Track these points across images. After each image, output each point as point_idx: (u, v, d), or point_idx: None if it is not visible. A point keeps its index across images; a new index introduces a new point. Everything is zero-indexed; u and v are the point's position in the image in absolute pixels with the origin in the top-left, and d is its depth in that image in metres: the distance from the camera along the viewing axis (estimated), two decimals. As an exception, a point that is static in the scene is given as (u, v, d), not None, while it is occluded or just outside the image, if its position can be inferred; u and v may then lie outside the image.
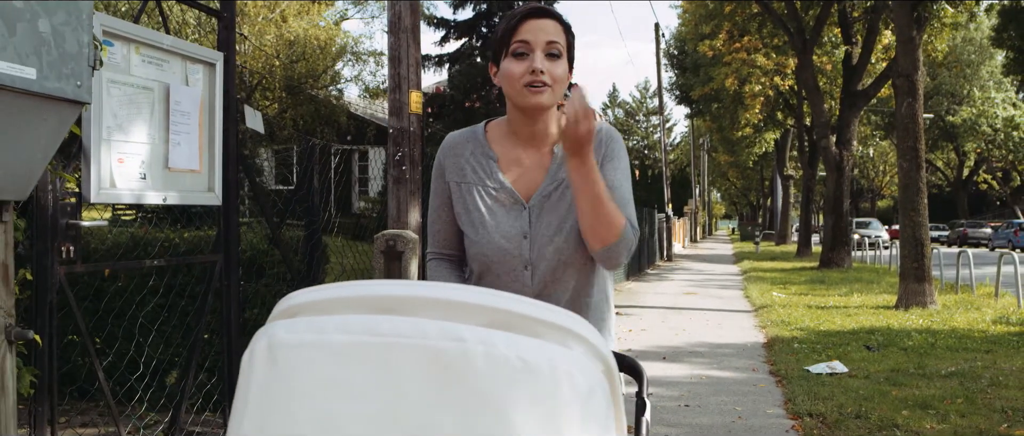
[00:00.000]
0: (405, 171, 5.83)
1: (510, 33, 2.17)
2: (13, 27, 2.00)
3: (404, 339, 1.41)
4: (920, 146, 14.20)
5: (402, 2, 5.80)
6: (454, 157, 2.34)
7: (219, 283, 4.28)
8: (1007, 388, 7.06)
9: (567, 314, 1.52)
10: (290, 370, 1.44)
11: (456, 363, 1.39)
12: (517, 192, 2.27)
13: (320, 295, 1.54)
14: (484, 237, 2.26)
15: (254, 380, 1.48)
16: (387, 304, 1.47)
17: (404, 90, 5.82)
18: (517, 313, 1.47)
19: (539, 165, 2.29)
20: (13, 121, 2.06)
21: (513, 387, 1.38)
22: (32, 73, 2.06)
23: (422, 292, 1.48)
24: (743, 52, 30.72)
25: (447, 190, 2.36)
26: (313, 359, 1.43)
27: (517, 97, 2.20)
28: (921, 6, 14.82)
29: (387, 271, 5.58)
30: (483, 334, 1.41)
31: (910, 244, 13.95)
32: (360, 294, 1.51)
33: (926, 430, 5.75)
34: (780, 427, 6.05)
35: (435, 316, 1.44)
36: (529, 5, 2.22)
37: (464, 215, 2.31)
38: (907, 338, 10.05)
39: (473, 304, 1.47)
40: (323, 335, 1.44)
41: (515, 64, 2.17)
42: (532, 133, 2.28)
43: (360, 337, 1.43)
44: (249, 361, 1.50)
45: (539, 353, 1.41)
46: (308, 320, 1.49)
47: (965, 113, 51.54)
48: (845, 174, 25.52)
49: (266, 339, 1.49)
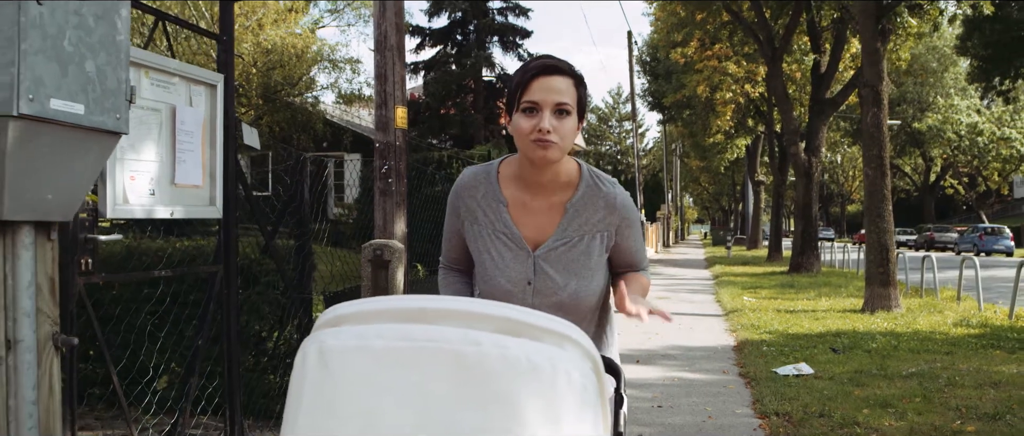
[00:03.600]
0: (391, 183, 6.11)
1: (522, 89, 2.34)
2: (66, 69, 2.27)
3: (432, 343, 1.69)
4: (885, 154, 14.63)
5: (388, 22, 6.07)
6: (468, 198, 2.53)
7: (220, 292, 4.53)
8: (963, 387, 7.42)
9: (562, 322, 1.81)
10: (339, 370, 1.72)
11: (475, 363, 1.67)
12: (524, 239, 2.47)
13: (360, 308, 1.83)
14: (492, 277, 2.48)
15: (307, 380, 1.75)
16: (416, 315, 1.76)
17: (390, 106, 6.09)
18: (523, 321, 1.76)
19: (547, 214, 2.47)
20: (64, 151, 2.33)
21: (522, 382, 1.66)
22: (80, 109, 2.33)
23: (445, 305, 1.77)
24: (714, 60, 31.16)
25: (460, 223, 2.57)
26: (357, 361, 1.71)
27: (526, 150, 2.37)
28: (885, 19, 15.25)
29: (374, 280, 5.84)
30: (496, 339, 1.70)
31: (876, 249, 14.35)
32: (393, 307, 1.80)
33: (885, 427, 6.08)
34: (748, 426, 6.37)
35: (457, 324, 1.73)
36: (541, 61, 2.36)
37: (474, 251, 2.53)
38: (871, 340, 10.41)
39: (487, 314, 1.75)
40: (365, 341, 1.72)
41: (525, 120, 2.33)
42: (540, 182, 2.45)
43: (395, 342, 1.71)
44: (302, 364, 1.78)
45: (541, 354, 1.70)
46: (351, 328, 1.77)
47: (931, 120, 52.39)
48: (813, 180, 25.98)
49: (316, 345, 1.76)
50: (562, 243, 2.46)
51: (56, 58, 2.23)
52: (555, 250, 2.46)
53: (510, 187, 2.49)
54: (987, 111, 53.20)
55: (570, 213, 2.45)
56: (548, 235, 2.46)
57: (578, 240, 2.45)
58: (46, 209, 2.34)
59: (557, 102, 2.30)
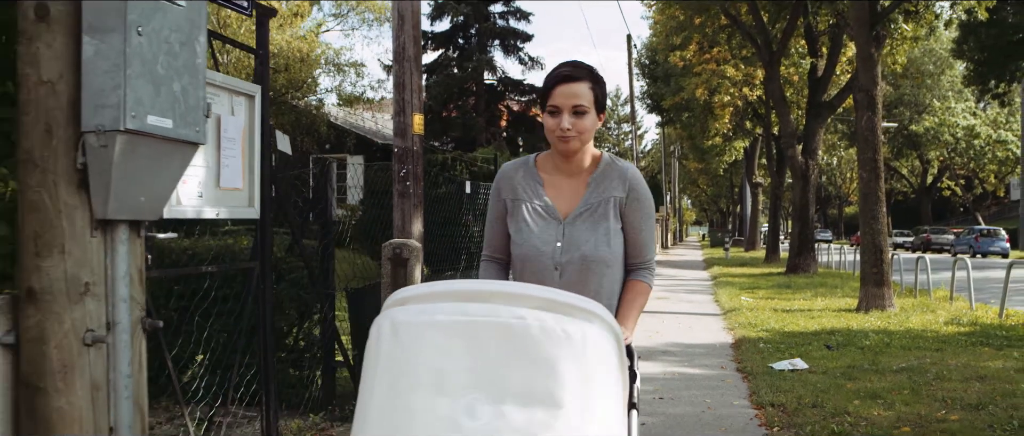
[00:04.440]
0: (409, 186, 6.48)
1: (546, 95, 2.86)
2: (159, 89, 2.64)
3: (485, 318, 2.15)
4: (879, 157, 15.01)
5: (406, 35, 6.45)
6: (509, 180, 3.02)
7: (257, 287, 4.90)
8: (950, 381, 7.80)
9: (589, 301, 2.26)
10: (409, 341, 2.16)
11: (520, 333, 2.12)
12: (557, 209, 2.93)
13: (423, 290, 2.28)
14: (526, 240, 2.91)
15: (382, 350, 2.19)
16: (471, 296, 2.20)
17: (408, 113, 6.47)
18: (557, 301, 2.20)
19: (574, 191, 2.95)
20: (155, 160, 2.70)
21: (559, 348, 2.12)
22: (169, 123, 2.70)
23: (494, 288, 2.23)
24: (713, 63, 31.44)
25: (502, 207, 3.02)
26: (424, 333, 2.16)
27: (553, 143, 2.90)
28: (880, 25, 15.63)
29: (393, 276, 6.19)
30: (537, 314, 2.15)
31: (870, 250, 14.74)
32: (451, 289, 2.24)
33: (874, 416, 6.46)
34: (745, 416, 6.74)
35: (504, 303, 2.17)
36: (560, 71, 2.85)
37: (513, 224, 2.97)
38: (864, 338, 10.78)
39: (529, 295, 2.20)
40: (431, 316, 2.17)
41: (550, 120, 2.86)
42: (568, 167, 2.96)
43: (455, 317, 2.15)
44: (377, 337, 2.22)
45: (574, 326, 2.16)
46: (417, 306, 2.22)
47: (927, 122, 52.77)
48: (810, 182, 26.34)
49: (388, 320, 2.21)
50: (586, 209, 2.91)
51: (151, 80, 2.61)
52: (580, 216, 2.90)
53: (545, 171, 2.99)
54: (983, 114, 53.60)
55: (592, 185, 2.93)
56: (575, 206, 2.92)
57: (597, 205, 2.90)
58: (139, 210, 2.72)
59: (574, 105, 2.81)
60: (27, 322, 2.56)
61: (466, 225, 10.23)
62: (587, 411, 2.12)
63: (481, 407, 2.08)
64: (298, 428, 5.87)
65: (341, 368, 6.62)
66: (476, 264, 10.52)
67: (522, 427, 2.06)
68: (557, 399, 2.08)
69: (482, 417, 2.08)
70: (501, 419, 2.07)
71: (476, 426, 2.07)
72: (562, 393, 2.08)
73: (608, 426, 2.17)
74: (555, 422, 2.07)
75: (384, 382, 2.16)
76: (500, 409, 2.08)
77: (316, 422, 6.07)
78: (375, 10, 32.46)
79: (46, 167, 2.54)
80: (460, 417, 2.08)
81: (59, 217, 2.55)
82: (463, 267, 9.93)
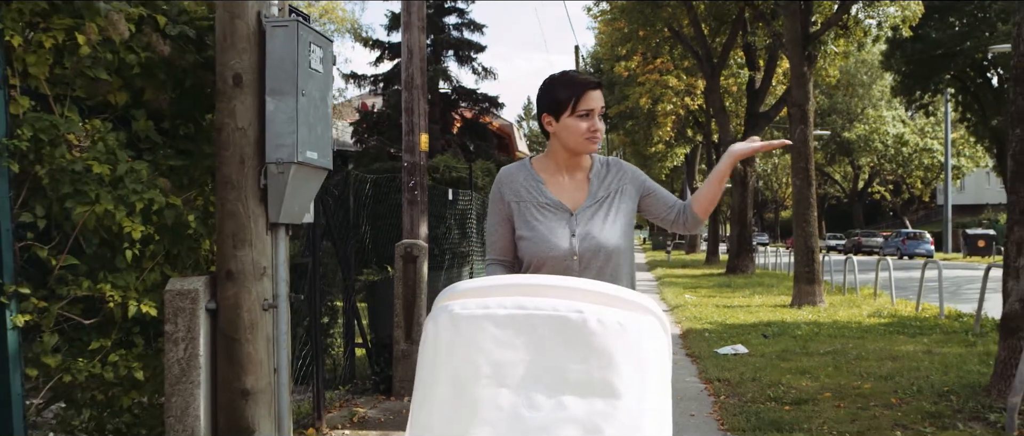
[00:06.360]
0: (417, 195, 7.66)
1: (577, 99, 2.86)
2: (311, 131, 3.83)
3: (542, 311, 2.19)
4: (811, 166, 16.50)
5: (414, 67, 7.64)
6: (510, 183, 2.98)
7: (309, 279, 6.06)
8: (867, 360, 9.18)
9: (642, 296, 2.32)
10: (470, 333, 2.19)
11: (578, 326, 2.16)
12: (565, 204, 2.93)
13: (479, 284, 2.33)
14: (541, 237, 2.87)
15: (441, 343, 2.22)
16: (527, 291, 2.25)
17: (416, 133, 7.65)
18: (613, 295, 2.26)
19: (577, 187, 2.97)
20: (306, 181, 3.89)
21: (616, 340, 2.16)
22: (316, 155, 3.89)
23: (550, 281, 2.28)
24: (656, 73, 32.63)
25: (506, 209, 2.96)
26: (484, 325, 2.19)
27: (577, 145, 2.90)
28: (811, 46, 17.14)
29: (405, 272, 7.36)
30: (594, 308, 2.19)
31: (802, 251, 16.22)
32: (507, 283, 2.30)
33: (802, 386, 7.79)
34: (696, 388, 8.02)
35: (561, 297, 2.22)
36: (587, 78, 2.92)
37: (523, 225, 2.91)
38: (797, 328, 12.18)
39: (585, 289, 2.25)
40: (489, 310, 2.20)
41: (580, 122, 2.87)
42: (573, 165, 2.98)
43: (513, 311, 2.19)
44: (435, 330, 2.24)
45: (629, 319, 2.20)
46: (475, 300, 2.25)
47: (859, 130, 54.92)
48: (748, 188, 27.95)
49: (446, 314, 2.23)
50: (595, 203, 2.95)
51: (307, 125, 3.80)
52: (590, 208, 2.93)
53: (545, 172, 2.99)
54: (911, 122, 55.93)
55: (594, 182, 2.98)
56: (581, 201, 2.95)
57: (606, 198, 2.96)
58: (294, 216, 3.90)
59: (602, 106, 2.90)
60: (226, 293, 3.74)
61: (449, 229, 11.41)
62: (644, 402, 2.15)
63: (541, 398, 2.12)
64: (330, 398, 7.01)
65: (360, 348, 7.79)
66: (458, 263, 11.77)
67: (582, 417, 2.10)
68: (616, 390, 2.12)
69: (543, 408, 2.11)
70: (562, 410, 2.11)
71: (538, 417, 2.10)
72: (620, 383, 2.13)
73: (662, 416, 2.22)
74: (615, 412, 2.11)
75: (446, 374, 2.19)
76: (560, 400, 2.12)
77: (343, 394, 7.22)
78: (337, 21, 33.41)
79: (240, 187, 3.72)
80: (521, 408, 2.11)
81: (248, 221, 3.73)
82: (446, 265, 11.14)
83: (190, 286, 3.67)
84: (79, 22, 3.51)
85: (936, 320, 12.76)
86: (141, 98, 3.93)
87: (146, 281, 3.81)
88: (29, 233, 3.58)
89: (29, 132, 3.38)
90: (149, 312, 3.68)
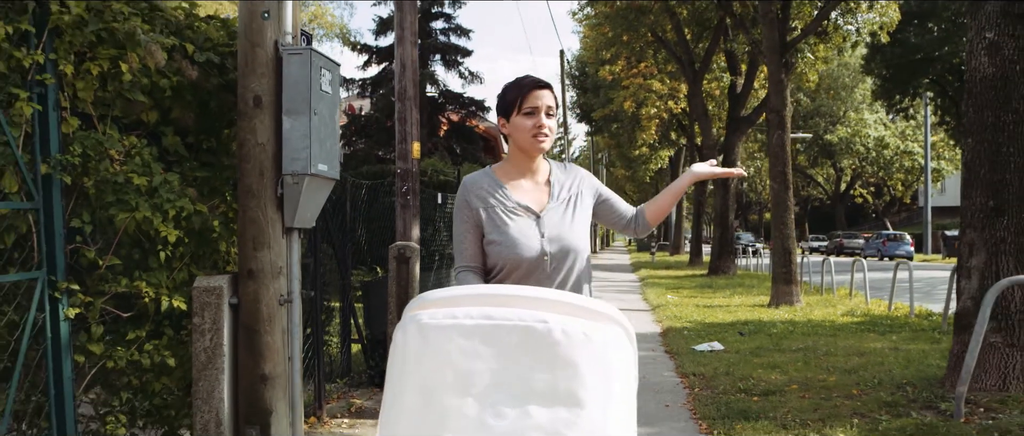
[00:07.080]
0: (409, 200, 8.15)
1: (522, 98, 2.94)
2: (322, 145, 4.32)
3: (509, 321, 2.21)
4: (788, 170, 17.04)
5: (407, 79, 8.13)
6: (476, 190, 3.02)
7: (314, 277, 6.53)
8: (836, 356, 9.71)
9: (608, 306, 2.34)
10: (437, 343, 2.22)
11: (543, 336, 2.19)
12: (531, 206, 2.99)
13: (448, 294, 2.33)
14: (511, 239, 2.92)
15: (410, 350, 2.25)
16: (495, 301, 2.27)
17: (408, 142, 8.14)
18: (579, 306, 2.29)
19: (539, 191, 3.04)
20: (318, 191, 4.37)
21: (581, 351, 2.19)
22: (326, 167, 4.37)
23: (518, 293, 2.30)
24: (640, 77, 33.10)
25: (474, 216, 3.00)
26: (451, 335, 2.21)
27: (526, 143, 2.97)
28: (789, 53, 17.69)
29: (399, 272, 7.83)
30: (560, 319, 2.22)
31: (780, 253, 16.76)
32: (476, 293, 2.33)
33: (771, 379, 8.31)
34: (673, 381, 8.53)
35: (527, 307, 2.24)
36: (533, 79, 3.00)
37: (493, 230, 2.96)
38: (772, 327, 12.71)
39: (551, 300, 2.28)
40: (457, 320, 2.23)
41: (526, 120, 2.94)
42: (530, 167, 3.05)
43: (480, 321, 2.22)
44: (403, 339, 2.28)
45: (595, 330, 2.24)
46: (443, 310, 2.27)
47: (841, 132, 55.61)
48: (730, 191, 28.52)
49: (414, 324, 2.26)
50: (560, 204, 3.02)
51: (319, 141, 4.28)
52: (555, 210, 3.00)
53: (507, 177, 3.05)
54: (893, 125, 56.65)
55: (555, 186, 3.05)
56: (545, 203, 3.01)
57: (569, 200, 3.04)
58: (306, 221, 4.38)
59: (547, 105, 2.95)
60: (247, 289, 4.22)
61: (437, 231, 11.91)
62: (607, 411, 2.18)
63: (506, 408, 2.14)
64: (329, 390, 7.48)
65: (356, 344, 8.26)
66: (446, 264, 12.24)
67: (546, 426, 2.12)
68: (580, 399, 2.15)
69: (508, 417, 2.13)
70: (527, 419, 2.13)
71: (503, 425, 2.13)
72: (584, 393, 2.16)
73: (626, 425, 2.25)
74: (578, 421, 2.14)
75: (413, 382, 2.22)
76: (525, 409, 2.14)
77: (341, 386, 7.69)
78: (326, 26, 33.86)
79: (259, 195, 4.20)
80: (487, 417, 2.14)
81: (267, 226, 4.21)
82: (436, 266, 11.64)
83: (216, 283, 4.15)
84: (122, 52, 4.00)
85: (906, 319, 13.33)
86: (169, 116, 4.41)
87: (176, 279, 4.29)
88: (78, 237, 4.07)
89: (79, 149, 3.89)
90: (180, 306, 4.18)
